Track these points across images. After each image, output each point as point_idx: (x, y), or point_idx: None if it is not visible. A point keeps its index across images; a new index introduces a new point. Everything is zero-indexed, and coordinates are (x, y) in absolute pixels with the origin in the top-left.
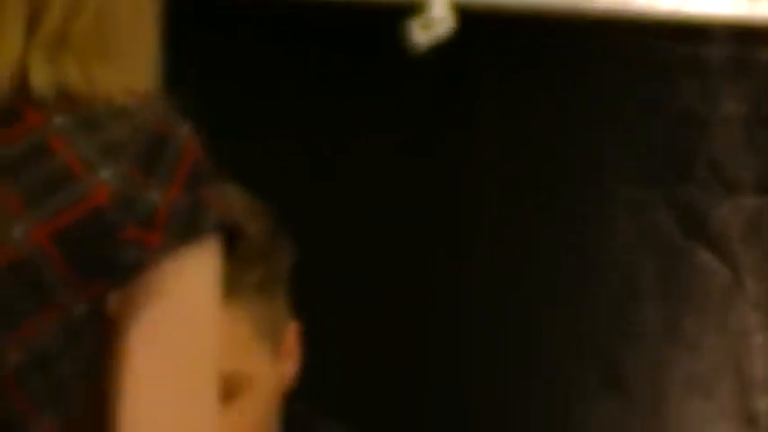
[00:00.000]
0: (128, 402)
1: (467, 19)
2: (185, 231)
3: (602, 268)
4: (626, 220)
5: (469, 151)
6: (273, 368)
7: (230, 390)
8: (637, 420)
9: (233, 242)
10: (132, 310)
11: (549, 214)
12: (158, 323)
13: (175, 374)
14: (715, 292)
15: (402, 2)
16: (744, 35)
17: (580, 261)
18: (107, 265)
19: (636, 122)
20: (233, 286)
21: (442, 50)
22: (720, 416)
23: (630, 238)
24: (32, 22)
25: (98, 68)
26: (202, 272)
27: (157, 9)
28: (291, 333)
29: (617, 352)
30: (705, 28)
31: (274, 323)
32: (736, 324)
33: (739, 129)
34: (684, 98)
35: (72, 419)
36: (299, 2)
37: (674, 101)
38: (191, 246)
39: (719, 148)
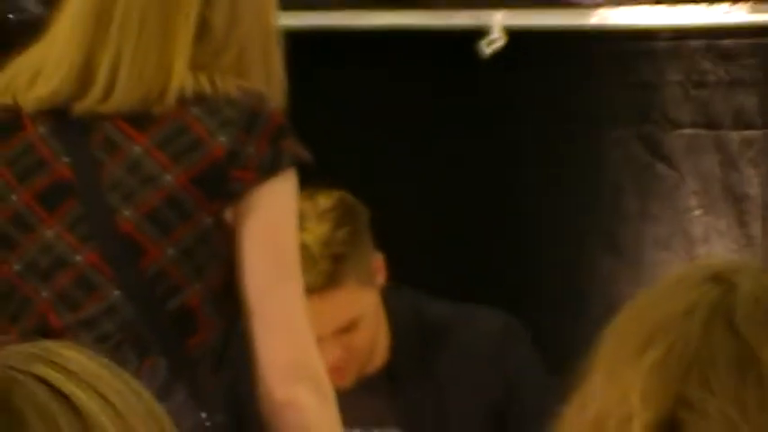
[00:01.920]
0: (245, 274)
1: (513, 37)
2: (268, 170)
3: (600, 176)
4: (614, 147)
5: (515, 112)
6: (373, 297)
7: (350, 327)
8: (625, 268)
9: (303, 169)
10: (241, 219)
11: (570, 145)
12: (257, 226)
13: (272, 256)
14: (668, 187)
15: (474, 27)
16: (679, 31)
17: (586, 174)
18: (223, 192)
19: (620, 90)
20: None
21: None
22: (676, 260)
23: (617, 157)
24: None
25: (225, 82)
26: (282, 193)
27: (280, 48)
28: (378, 263)
29: (611, 226)
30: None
31: (368, 265)
32: (682, 204)
33: (678, 89)
34: (644, 75)
35: (209, 288)
36: (402, 31)
37: (639, 78)
38: (272, 179)
39: (667, 101)
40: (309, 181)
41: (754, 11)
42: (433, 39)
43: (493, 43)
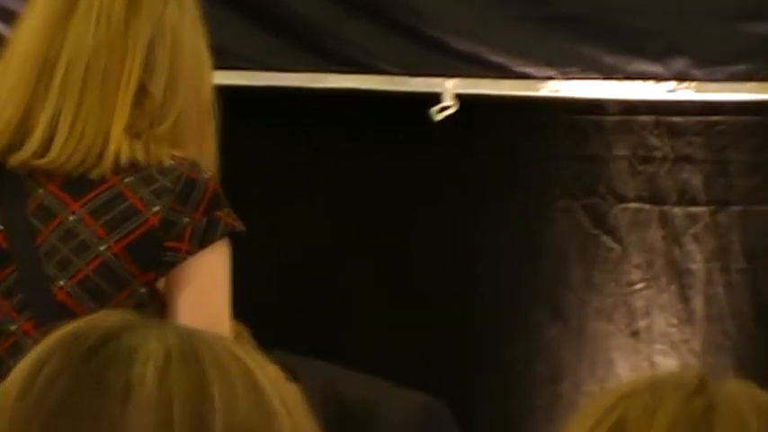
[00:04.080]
0: None
1: (465, 105)
2: (203, 241)
3: (546, 245)
4: (560, 217)
5: (464, 178)
6: None
7: None
8: (570, 336)
9: (235, 241)
10: (174, 289)
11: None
12: (190, 296)
13: (205, 325)
14: (612, 259)
15: (427, 94)
16: (628, 106)
17: (532, 241)
18: (157, 262)
19: (568, 162)
20: None
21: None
22: (617, 332)
23: (563, 227)
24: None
25: (160, 150)
26: (215, 263)
27: (214, 114)
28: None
29: (557, 295)
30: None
31: None
32: (625, 278)
33: (625, 163)
34: (592, 148)
35: None
36: (352, 93)
37: (587, 150)
38: (206, 249)
39: (613, 175)
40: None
41: (700, 90)
42: (388, 103)
43: (444, 110)
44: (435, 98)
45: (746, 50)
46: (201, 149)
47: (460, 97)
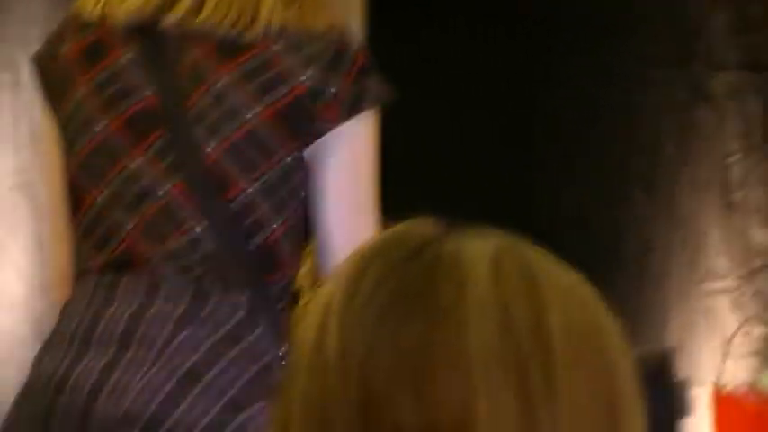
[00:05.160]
0: (323, 210)
1: None
2: (351, 108)
3: (644, 116)
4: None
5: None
6: None
7: None
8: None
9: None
10: (321, 156)
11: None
12: (338, 163)
13: (352, 193)
14: (709, 129)
15: None
16: None
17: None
18: (305, 129)
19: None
20: None
21: None
22: (712, 204)
23: (659, 97)
24: None
25: (310, 16)
26: (363, 132)
27: None
28: None
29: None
30: None
31: None
32: (721, 148)
33: (724, 30)
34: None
35: (289, 226)
36: None
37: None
38: (355, 117)
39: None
40: None
41: None
42: None
43: None
44: None
45: None
46: (347, 14)
47: None
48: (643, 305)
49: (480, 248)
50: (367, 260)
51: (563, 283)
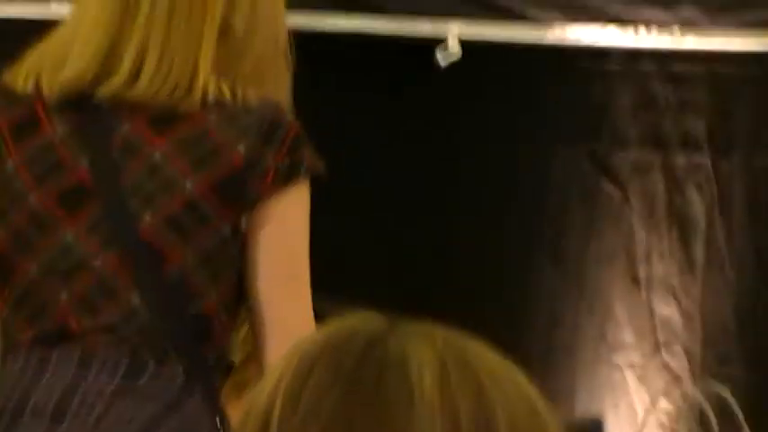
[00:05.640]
0: (257, 280)
1: (467, 48)
2: (285, 179)
3: (551, 192)
4: (562, 164)
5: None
6: None
7: None
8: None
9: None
10: (255, 226)
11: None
12: (271, 234)
13: (285, 263)
14: (613, 205)
15: (430, 36)
16: (631, 54)
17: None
18: (240, 199)
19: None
20: None
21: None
22: (617, 277)
23: (565, 174)
24: (218, 66)
25: (244, 89)
26: (297, 203)
27: (288, 59)
28: None
29: (558, 237)
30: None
31: None
32: (626, 224)
33: (628, 110)
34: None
35: (224, 295)
36: (362, 38)
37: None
38: (289, 187)
39: (618, 119)
40: None
41: (704, 36)
42: (390, 45)
43: (449, 56)
44: (435, 42)
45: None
46: (279, 89)
47: (462, 43)
48: (551, 377)
49: (426, 351)
50: (309, 364)
51: (504, 377)
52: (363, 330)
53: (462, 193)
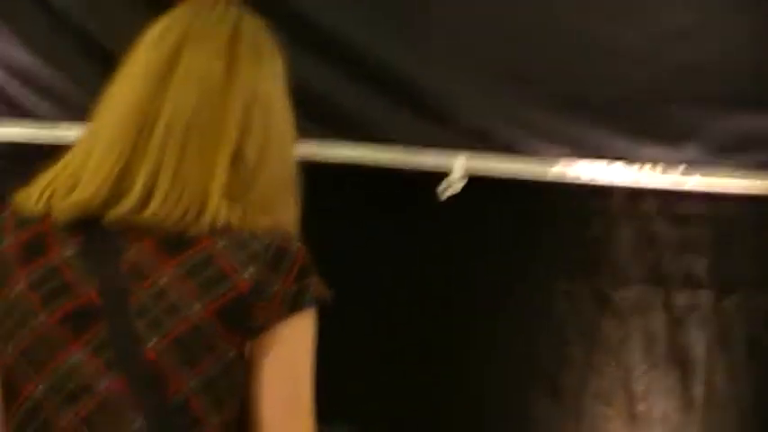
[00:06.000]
0: (261, 407)
1: (473, 181)
2: (292, 307)
3: (550, 326)
4: (563, 299)
5: (469, 254)
6: None
7: None
8: (567, 418)
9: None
10: (260, 353)
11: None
12: (276, 361)
13: (289, 391)
14: (613, 341)
15: (435, 169)
16: (632, 193)
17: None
18: (246, 326)
19: (569, 243)
20: None
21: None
22: (616, 417)
23: (566, 308)
24: (228, 192)
25: (253, 216)
26: (303, 330)
27: (297, 187)
28: None
29: (557, 372)
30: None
31: None
32: (627, 359)
33: (628, 246)
34: (595, 229)
35: (226, 421)
36: (368, 170)
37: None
38: (295, 315)
39: (618, 256)
40: None
41: (708, 176)
42: (394, 176)
43: (452, 186)
44: (441, 175)
45: (760, 141)
46: (286, 215)
47: (467, 175)
48: None
49: None
50: None
51: None
52: None
53: (459, 325)
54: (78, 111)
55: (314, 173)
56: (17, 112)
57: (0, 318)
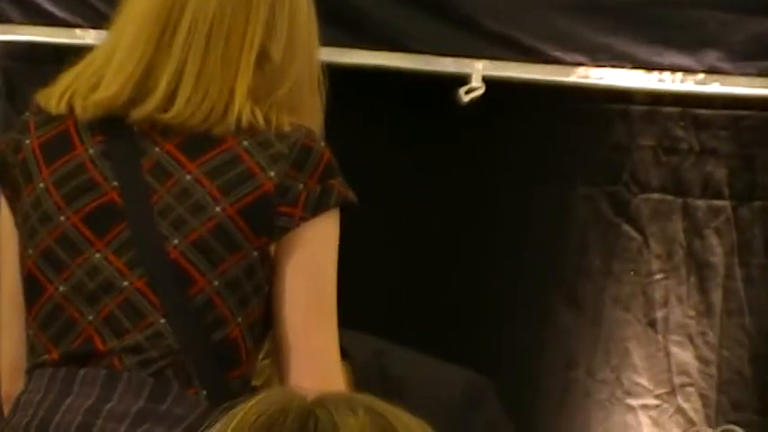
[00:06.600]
0: (285, 309)
1: (492, 87)
2: (316, 208)
3: (570, 233)
4: (582, 204)
5: (488, 161)
6: None
7: None
8: (586, 325)
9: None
10: (284, 254)
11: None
12: (300, 262)
13: (312, 292)
14: (632, 248)
15: (455, 75)
16: (654, 96)
17: (553, 228)
18: (270, 226)
19: (590, 150)
20: None
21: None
22: (634, 320)
23: (584, 215)
24: (253, 92)
25: (278, 117)
26: (327, 232)
27: (321, 87)
28: None
29: (576, 278)
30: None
31: None
32: (644, 267)
33: (649, 153)
34: (617, 137)
35: (250, 322)
36: (385, 71)
37: (612, 137)
38: (319, 216)
39: (637, 164)
40: None
41: (728, 83)
42: (413, 82)
43: (472, 91)
44: (460, 81)
45: None
46: (312, 117)
47: (487, 80)
48: (566, 418)
49: (352, 423)
50: None
51: None
52: (291, 407)
53: (480, 231)
54: (95, 13)
55: (333, 79)
56: (33, 14)
57: (24, 215)
